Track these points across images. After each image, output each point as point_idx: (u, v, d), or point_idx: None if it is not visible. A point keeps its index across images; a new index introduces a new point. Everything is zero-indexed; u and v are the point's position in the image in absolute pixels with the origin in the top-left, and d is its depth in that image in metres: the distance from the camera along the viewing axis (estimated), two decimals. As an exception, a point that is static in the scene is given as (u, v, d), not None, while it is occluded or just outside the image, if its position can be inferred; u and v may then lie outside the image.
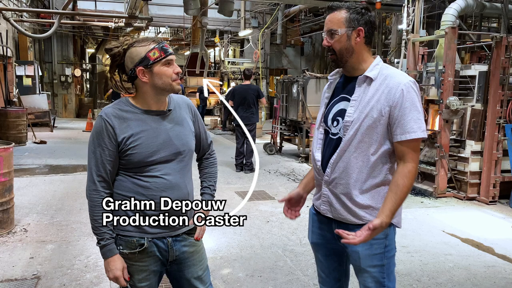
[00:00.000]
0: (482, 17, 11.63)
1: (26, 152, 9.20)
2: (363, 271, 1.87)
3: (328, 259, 2.04)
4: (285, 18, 16.25)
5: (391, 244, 1.88)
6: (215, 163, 2.13)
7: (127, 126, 1.77)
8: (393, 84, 1.76)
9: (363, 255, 1.84)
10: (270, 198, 5.94)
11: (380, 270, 1.86)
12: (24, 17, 13.96)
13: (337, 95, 1.91)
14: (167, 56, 1.77)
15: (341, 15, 1.80)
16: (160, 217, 1.81)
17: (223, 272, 3.57)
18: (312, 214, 2.09)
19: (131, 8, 11.02)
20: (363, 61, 1.83)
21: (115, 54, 1.78)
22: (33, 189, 6.11)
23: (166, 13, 16.91)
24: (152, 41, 1.78)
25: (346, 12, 1.79)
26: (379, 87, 1.77)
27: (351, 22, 1.78)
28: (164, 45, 1.78)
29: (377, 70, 1.81)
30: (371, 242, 1.79)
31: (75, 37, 18.97)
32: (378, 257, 1.84)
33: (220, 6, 10.30)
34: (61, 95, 17.99)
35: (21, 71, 13.14)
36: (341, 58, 1.82)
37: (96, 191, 1.78)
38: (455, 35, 6.00)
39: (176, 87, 1.81)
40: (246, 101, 7.77)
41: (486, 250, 4.20)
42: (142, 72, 1.76)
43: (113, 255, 1.79)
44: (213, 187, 2.07)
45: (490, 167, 5.79)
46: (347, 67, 1.86)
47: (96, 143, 1.78)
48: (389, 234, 1.86)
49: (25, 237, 4.27)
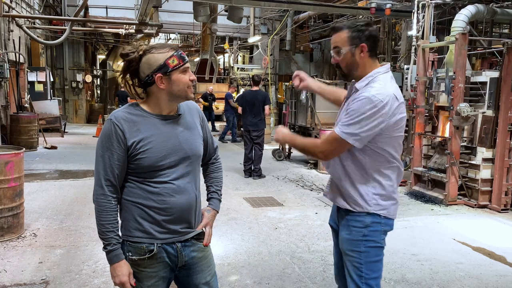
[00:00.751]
0: (493, 23, 11.52)
1: (37, 157, 9.30)
2: (344, 254, 2.11)
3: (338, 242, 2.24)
4: (294, 25, 16.28)
5: (372, 235, 2.04)
6: (221, 168, 2.13)
7: (137, 130, 1.77)
8: (358, 94, 1.96)
9: (344, 238, 2.10)
10: (279, 204, 5.91)
11: (358, 255, 2.04)
12: (36, 24, 14.16)
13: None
14: (185, 63, 1.78)
15: (343, 35, 1.98)
16: (170, 223, 1.80)
17: (231, 279, 3.55)
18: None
19: (142, 15, 11.13)
20: (367, 72, 2.01)
21: (132, 59, 1.77)
22: (43, 194, 6.16)
23: (176, 19, 17.05)
24: (170, 49, 1.78)
25: (348, 32, 1.97)
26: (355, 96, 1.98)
27: (354, 40, 1.96)
28: (181, 53, 1.80)
29: (365, 82, 1.98)
30: (350, 228, 2.06)
31: (86, 43, 19.21)
32: (356, 243, 2.04)
33: (230, 13, 10.36)
34: (72, 100, 18.19)
35: (33, 77, 13.30)
36: (348, 72, 2.04)
37: (104, 195, 1.77)
38: (465, 41, 5.95)
39: (190, 95, 1.83)
40: (255, 107, 7.76)
41: (498, 259, 4.13)
42: (160, 79, 1.75)
43: (120, 260, 1.77)
44: (220, 191, 2.09)
45: (502, 175, 5.71)
46: (356, 79, 2.05)
47: (105, 146, 1.77)
48: (369, 226, 2.04)
49: (35, 241, 4.30)
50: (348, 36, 1.97)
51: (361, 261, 2.04)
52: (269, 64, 15.77)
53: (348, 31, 1.97)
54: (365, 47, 1.97)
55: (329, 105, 8.79)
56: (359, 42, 1.96)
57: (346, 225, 2.09)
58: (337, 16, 14.97)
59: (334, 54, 2.03)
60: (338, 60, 2.02)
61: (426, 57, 6.70)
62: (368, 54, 1.98)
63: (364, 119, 1.90)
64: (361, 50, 1.97)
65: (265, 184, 7.28)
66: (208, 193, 2.08)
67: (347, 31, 1.97)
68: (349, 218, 2.08)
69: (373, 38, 1.98)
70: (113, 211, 1.78)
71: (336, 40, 2.01)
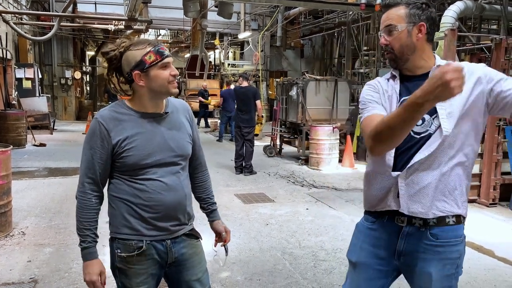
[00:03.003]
0: (482, 19, 11.61)
1: (25, 154, 9.19)
2: None
3: (370, 283, 1.80)
4: (285, 21, 16.27)
5: (462, 262, 1.71)
6: (209, 176, 2.13)
7: (122, 129, 1.76)
8: (471, 68, 1.61)
9: (437, 277, 1.65)
10: (270, 200, 5.92)
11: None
12: (24, 20, 13.96)
13: (406, 95, 1.65)
14: (163, 59, 1.74)
15: (400, 11, 1.67)
16: (158, 220, 1.79)
17: (222, 276, 3.55)
18: (364, 229, 1.83)
19: (131, 10, 11.02)
20: (427, 58, 1.69)
21: (112, 57, 1.76)
22: (32, 192, 6.09)
23: (166, 15, 16.94)
24: (148, 44, 1.75)
25: (405, 8, 1.67)
26: None
27: (412, 17, 1.65)
28: (160, 48, 1.75)
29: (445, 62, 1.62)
30: (444, 262, 1.65)
31: (75, 39, 19.00)
32: (449, 279, 1.68)
33: (220, 9, 10.32)
34: (61, 97, 18.01)
35: (20, 73, 13.14)
36: (402, 56, 1.68)
37: (84, 193, 1.79)
38: (454, 37, 5.99)
39: (173, 90, 1.79)
40: (245, 103, 7.75)
41: (486, 253, 4.18)
42: (139, 76, 1.73)
43: (93, 258, 1.79)
44: (215, 202, 2.13)
45: (490, 169, 5.77)
46: (409, 67, 1.70)
47: (89, 145, 1.78)
48: (462, 253, 1.71)
49: (23, 240, 4.25)
50: (406, 12, 1.66)
51: None
52: (260, 60, 15.74)
53: (405, 7, 1.67)
54: (424, 27, 1.65)
55: (319, 101, 8.87)
56: (418, 20, 1.65)
57: (439, 258, 1.65)
58: (328, 12, 14.99)
59: (384, 33, 1.70)
60: (389, 41, 1.68)
61: (415, 53, 6.73)
62: (426, 37, 1.67)
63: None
64: (419, 30, 1.65)
65: (256, 180, 7.27)
66: (205, 204, 2.09)
67: (404, 7, 1.66)
68: (443, 245, 1.65)
69: (433, 20, 1.68)
70: (92, 209, 1.79)
71: (389, 17, 1.68)
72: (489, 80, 1.60)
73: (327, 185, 6.92)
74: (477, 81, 1.61)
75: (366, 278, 1.80)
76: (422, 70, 1.68)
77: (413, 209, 1.65)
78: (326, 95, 8.95)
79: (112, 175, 1.82)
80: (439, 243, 1.66)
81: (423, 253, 1.67)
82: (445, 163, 1.62)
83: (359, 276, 1.82)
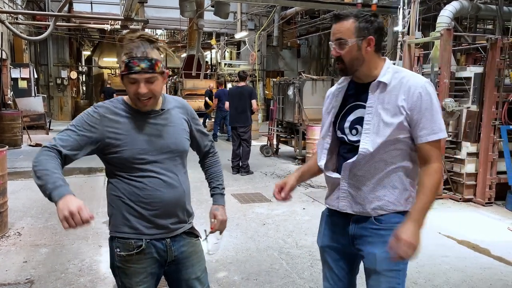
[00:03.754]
0: (477, 19, 11.65)
1: (21, 155, 9.15)
2: (378, 274, 1.79)
3: (337, 264, 1.97)
4: (281, 20, 16.27)
5: None
6: (218, 162, 2.14)
7: (117, 122, 1.77)
8: (409, 87, 1.72)
9: (380, 258, 1.77)
10: (267, 200, 5.92)
11: (396, 275, 1.79)
12: (19, 20, 13.90)
13: (350, 102, 1.85)
14: (129, 74, 1.68)
15: (350, 24, 1.72)
16: (157, 218, 1.79)
17: (219, 276, 3.55)
18: (325, 217, 2.01)
19: (127, 10, 10.98)
20: (374, 68, 1.79)
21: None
22: (28, 192, 6.07)
23: (162, 15, 16.91)
24: (130, 49, 1.67)
25: (355, 21, 1.72)
26: (394, 91, 1.74)
27: (361, 31, 1.72)
28: (131, 62, 1.66)
29: (389, 74, 1.76)
30: (387, 245, 1.75)
31: (71, 39, 18.93)
32: (395, 261, 1.77)
33: (216, 8, 10.32)
34: (57, 97, 17.94)
35: (16, 73, 13.07)
36: (351, 67, 1.78)
37: (47, 148, 1.70)
38: (450, 37, 6.01)
39: (140, 105, 1.75)
40: (241, 103, 7.74)
41: (482, 252, 4.20)
42: (121, 77, 1.74)
43: (68, 194, 1.56)
44: (221, 186, 2.11)
45: (486, 169, 5.80)
46: (358, 75, 1.82)
47: (75, 122, 1.77)
48: None
49: (19, 241, 4.23)
50: (356, 26, 1.71)
51: (399, 281, 1.79)
52: (256, 60, 15.73)
53: (354, 20, 1.71)
54: (373, 41, 1.73)
55: (316, 101, 8.87)
56: (367, 34, 1.72)
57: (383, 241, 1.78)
58: (324, 12, 14.99)
59: (335, 46, 1.76)
60: (340, 53, 1.74)
61: (411, 53, 6.75)
62: (375, 48, 1.75)
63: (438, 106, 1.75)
64: (368, 43, 1.73)
65: (253, 180, 7.27)
66: (210, 189, 2.11)
67: (353, 20, 1.71)
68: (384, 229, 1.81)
69: (380, 31, 1.76)
70: (55, 161, 1.66)
71: (340, 30, 1.73)
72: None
73: (324, 185, 6.91)
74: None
75: (333, 259, 1.97)
76: (370, 79, 1.79)
77: (356, 209, 1.84)
78: (323, 95, 8.77)
79: (111, 174, 1.82)
80: (382, 227, 1.80)
81: (370, 236, 1.81)
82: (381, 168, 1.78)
83: (327, 259, 2.00)
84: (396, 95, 1.73)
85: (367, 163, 1.77)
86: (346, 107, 1.85)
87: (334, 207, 1.91)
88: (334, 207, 1.91)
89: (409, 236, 1.67)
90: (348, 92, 1.87)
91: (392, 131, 1.72)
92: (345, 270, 1.97)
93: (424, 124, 1.71)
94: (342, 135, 1.85)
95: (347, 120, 1.84)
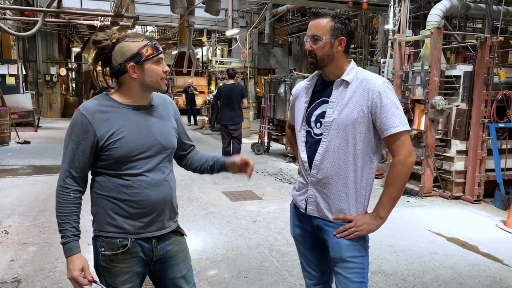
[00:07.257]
0: (467, 17, 11.76)
1: (9, 152, 9.04)
2: (345, 261, 1.91)
3: (312, 252, 2.10)
4: (272, 18, 16.24)
5: (368, 236, 1.97)
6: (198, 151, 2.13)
7: (107, 120, 1.72)
8: (369, 86, 1.85)
9: (345, 245, 1.90)
10: (257, 198, 5.91)
11: (361, 260, 1.92)
12: (7, 15, 13.69)
13: (317, 98, 1.98)
14: (158, 54, 1.76)
15: (326, 23, 1.86)
16: (144, 216, 1.77)
17: (209, 274, 3.53)
18: (293, 209, 2.14)
19: (117, 6, 10.89)
20: (341, 67, 1.92)
21: (104, 46, 1.74)
22: (16, 190, 5.99)
23: (152, 12, 16.77)
24: (145, 38, 1.76)
25: (331, 21, 1.86)
26: (356, 90, 1.87)
27: (336, 31, 1.86)
28: (156, 43, 1.78)
29: (352, 74, 1.90)
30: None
31: (60, 35, 18.72)
32: (359, 248, 1.91)
33: (207, 5, 10.25)
34: (46, 94, 17.74)
35: (4, 70, 12.92)
36: (322, 62, 1.91)
37: (62, 187, 1.74)
38: (440, 35, 6.04)
39: (163, 87, 1.80)
40: (231, 101, 7.71)
41: (471, 249, 4.23)
42: (133, 68, 1.72)
43: (73, 254, 1.73)
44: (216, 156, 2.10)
45: (475, 166, 5.85)
46: (326, 72, 1.95)
47: (71, 137, 1.73)
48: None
49: (6, 239, 4.18)
50: (331, 25, 1.85)
51: (364, 266, 1.93)
52: (247, 57, 15.70)
53: (331, 19, 1.86)
54: (344, 41, 1.88)
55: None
56: (340, 34, 1.87)
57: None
58: (315, 9, 15.01)
59: (310, 40, 1.90)
60: (313, 48, 1.89)
61: (402, 51, 6.78)
62: (344, 49, 1.90)
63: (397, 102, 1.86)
64: (339, 43, 1.87)
65: (243, 178, 7.26)
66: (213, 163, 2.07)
67: (330, 20, 1.86)
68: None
69: (351, 34, 1.92)
70: (70, 204, 1.73)
71: (316, 26, 1.87)
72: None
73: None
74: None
75: (307, 248, 2.12)
76: (335, 77, 1.93)
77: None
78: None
79: (96, 172, 1.79)
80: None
81: (332, 227, 1.92)
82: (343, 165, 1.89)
83: (301, 248, 2.15)
84: (357, 93, 1.86)
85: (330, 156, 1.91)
86: (314, 103, 1.99)
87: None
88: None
89: (362, 217, 1.88)
90: (315, 88, 2.01)
91: (351, 125, 1.84)
92: (318, 256, 2.09)
93: (385, 119, 1.82)
94: (309, 128, 1.98)
95: (314, 114, 1.97)
